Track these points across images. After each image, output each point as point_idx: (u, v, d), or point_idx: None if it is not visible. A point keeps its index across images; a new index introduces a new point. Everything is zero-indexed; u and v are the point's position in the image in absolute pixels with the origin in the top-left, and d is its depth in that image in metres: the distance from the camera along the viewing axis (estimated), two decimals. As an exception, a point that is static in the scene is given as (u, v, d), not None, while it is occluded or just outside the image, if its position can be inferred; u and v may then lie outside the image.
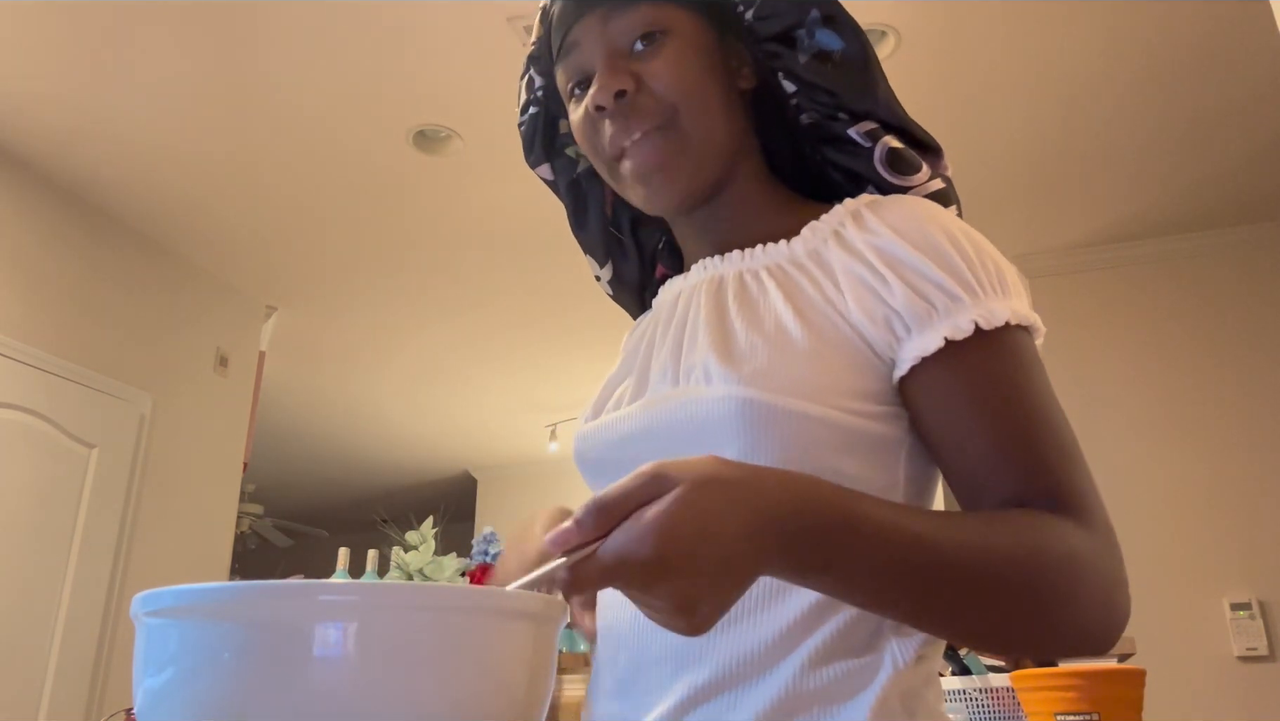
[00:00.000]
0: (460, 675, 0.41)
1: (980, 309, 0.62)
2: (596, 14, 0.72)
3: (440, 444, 6.39)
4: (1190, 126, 3.05)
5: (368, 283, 4.09)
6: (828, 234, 0.70)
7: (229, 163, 3.24)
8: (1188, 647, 3.21)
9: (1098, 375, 3.62)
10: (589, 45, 0.73)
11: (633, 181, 0.73)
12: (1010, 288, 0.65)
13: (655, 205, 0.74)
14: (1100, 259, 3.76)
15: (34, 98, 2.91)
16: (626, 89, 0.70)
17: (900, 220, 0.67)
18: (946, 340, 0.62)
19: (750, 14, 0.73)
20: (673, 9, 0.72)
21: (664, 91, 0.70)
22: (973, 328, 0.62)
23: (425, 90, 2.87)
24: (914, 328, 0.63)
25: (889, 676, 0.61)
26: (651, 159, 0.71)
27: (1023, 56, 2.74)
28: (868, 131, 0.73)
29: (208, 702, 0.39)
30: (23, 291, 3.19)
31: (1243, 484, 3.33)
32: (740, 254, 0.74)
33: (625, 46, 0.72)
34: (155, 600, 0.42)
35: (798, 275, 0.70)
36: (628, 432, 0.71)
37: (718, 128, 0.72)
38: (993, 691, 1.02)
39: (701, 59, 0.72)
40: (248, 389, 4.17)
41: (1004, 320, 0.62)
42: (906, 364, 0.63)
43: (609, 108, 0.71)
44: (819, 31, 0.72)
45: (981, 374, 0.62)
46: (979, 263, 0.65)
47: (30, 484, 3.12)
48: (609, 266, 0.89)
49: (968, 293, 0.63)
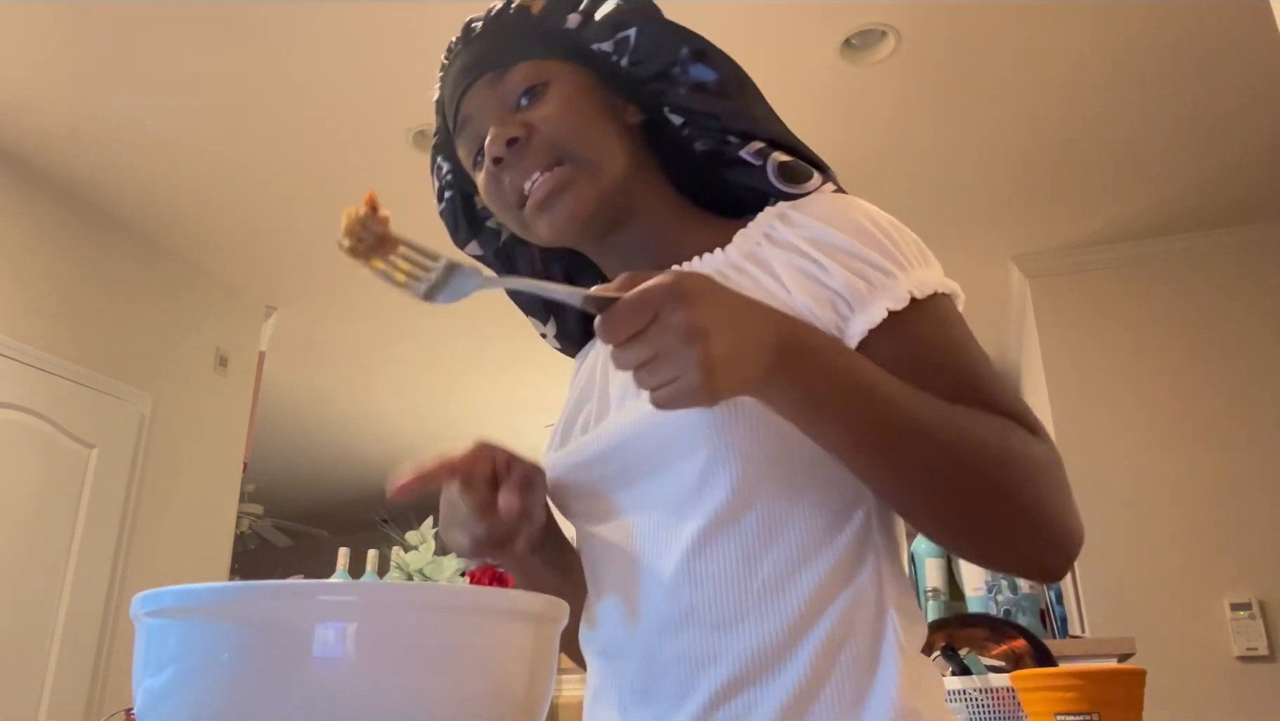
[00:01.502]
0: (460, 675, 0.41)
1: (911, 281, 0.68)
2: (480, 84, 0.78)
3: (440, 444, 6.39)
4: (1190, 126, 3.05)
5: (368, 283, 4.09)
6: (759, 237, 0.75)
7: (229, 163, 3.24)
8: (1188, 647, 3.21)
9: (1097, 375, 3.62)
10: (479, 113, 0.78)
11: (534, 215, 0.77)
12: (930, 260, 0.72)
13: (561, 232, 0.77)
14: (1100, 259, 3.76)
15: (34, 98, 2.91)
16: (518, 136, 0.75)
17: (826, 211, 0.73)
18: (889, 311, 0.67)
19: (625, 60, 0.78)
20: (550, 63, 0.78)
21: (552, 130, 0.75)
22: (909, 298, 0.68)
23: (425, 90, 2.86)
24: (856, 305, 0.68)
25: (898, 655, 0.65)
26: (549, 188, 0.75)
27: (1023, 56, 2.74)
28: (757, 150, 0.77)
29: (208, 702, 0.39)
30: (23, 291, 3.19)
31: (1243, 484, 3.33)
32: (678, 267, 0.78)
33: (511, 103, 0.77)
34: (155, 600, 0.42)
35: (738, 277, 0.73)
36: (597, 453, 0.75)
37: (609, 155, 0.76)
38: (993, 691, 1.02)
39: (585, 98, 0.77)
40: (248, 389, 4.17)
41: (933, 289, 0.69)
42: (855, 338, 0.68)
43: (504, 158, 0.75)
44: (692, 67, 0.77)
45: (923, 337, 0.68)
46: (902, 241, 0.71)
47: (30, 484, 3.12)
48: (551, 323, 0.94)
49: (898, 268, 0.69)
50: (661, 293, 0.53)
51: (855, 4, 2.54)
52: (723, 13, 2.50)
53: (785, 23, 2.58)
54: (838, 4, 2.54)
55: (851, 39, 2.66)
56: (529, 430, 6.03)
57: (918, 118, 3.00)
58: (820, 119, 2.99)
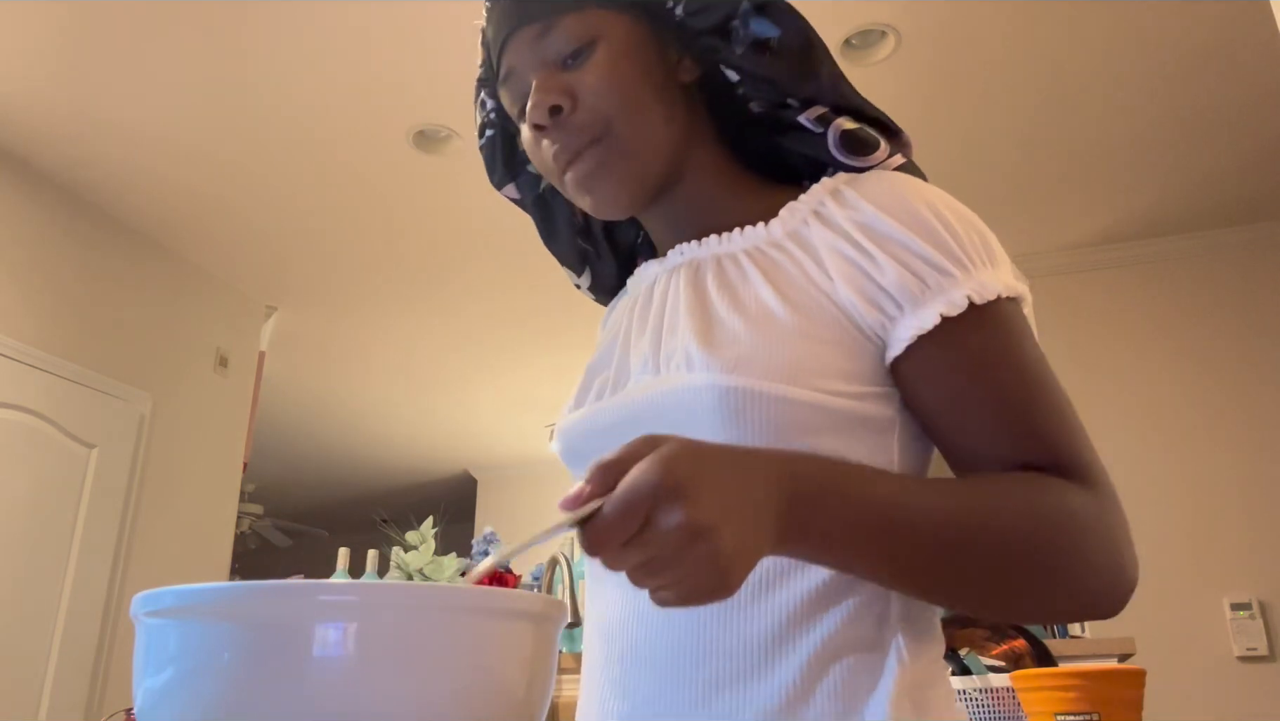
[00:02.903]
0: (460, 675, 0.41)
1: (972, 283, 0.62)
2: (525, 34, 0.72)
3: (440, 444, 6.39)
4: (1190, 126, 3.05)
5: (368, 282, 4.09)
6: (807, 214, 0.70)
7: (229, 162, 3.24)
8: (1188, 647, 3.21)
9: (1097, 374, 3.62)
10: (523, 67, 0.73)
11: (578, 193, 0.73)
12: (997, 258, 0.65)
13: (604, 211, 0.74)
14: (1100, 259, 3.76)
15: (34, 98, 2.91)
16: (561, 104, 0.70)
17: (884, 195, 0.66)
18: (942, 317, 0.61)
19: (680, 10, 0.72)
20: (599, 14, 0.71)
21: (597, 103, 0.70)
22: (966, 303, 0.62)
23: (425, 90, 2.87)
24: (907, 306, 0.63)
25: (897, 673, 0.61)
26: (591, 168, 0.71)
27: (1023, 56, 2.74)
28: (818, 117, 0.71)
29: (208, 702, 0.39)
30: (23, 291, 3.19)
31: (1243, 484, 3.33)
32: (717, 238, 0.74)
33: (556, 61, 0.71)
34: (155, 600, 0.42)
35: (778, 256, 0.69)
36: (610, 423, 0.71)
37: (656, 128, 0.72)
38: (993, 691, 1.02)
39: (633, 60, 0.71)
40: (248, 389, 4.17)
41: (996, 294, 0.63)
42: (902, 343, 0.63)
43: (546, 125, 0.71)
44: (753, 21, 0.70)
45: (977, 349, 0.62)
46: (965, 236, 0.64)
47: (30, 484, 3.12)
48: (586, 274, 0.89)
49: (958, 267, 0.63)
50: (649, 492, 0.45)
51: (855, 4, 2.54)
52: (723, 13, 2.51)
53: (785, 23, 2.59)
54: (838, 4, 2.54)
55: (851, 39, 2.66)
56: (530, 430, 6.04)
57: (917, 118, 3.00)
58: (820, 119, 2.99)
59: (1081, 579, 0.57)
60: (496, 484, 6.96)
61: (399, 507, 7.94)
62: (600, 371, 0.77)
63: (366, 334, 4.60)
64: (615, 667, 0.68)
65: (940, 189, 0.69)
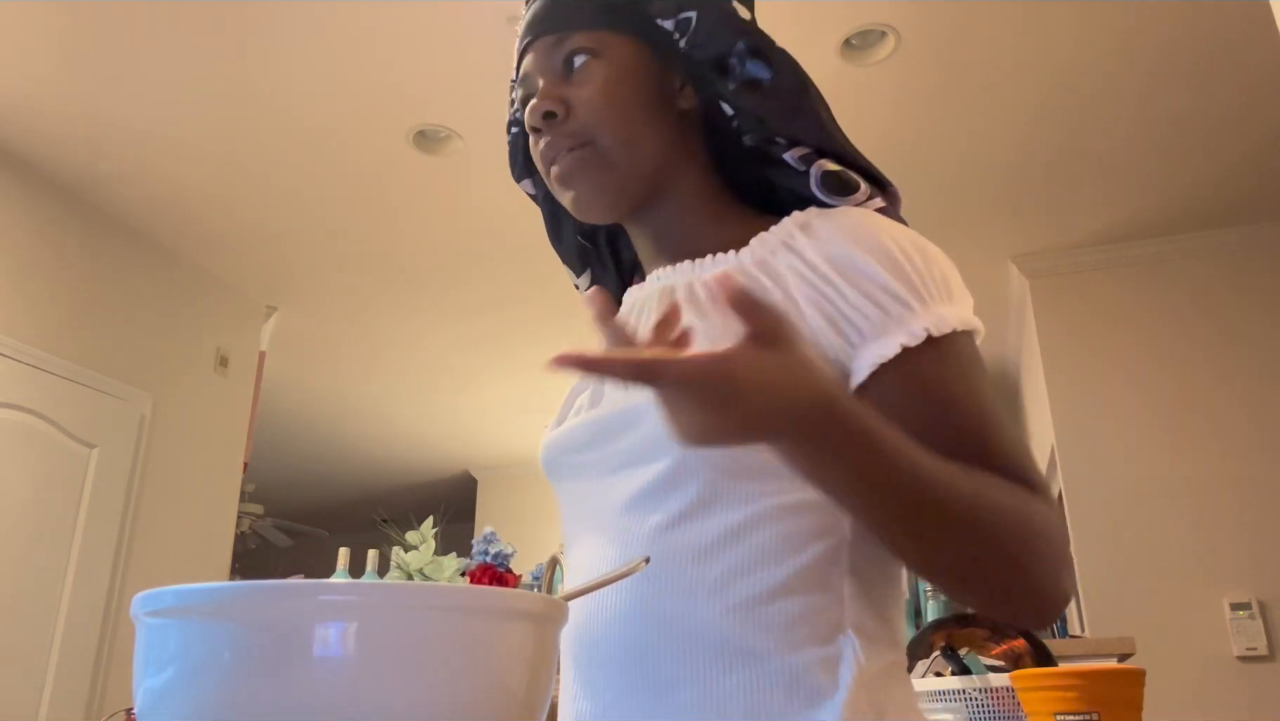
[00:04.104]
0: (460, 675, 0.41)
1: (930, 316, 0.65)
2: (542, 43, 0.78)
3: (440, 444, 6.39)
4: (1190, 126, 3.05)
5: (368, 283, 4.09)
6: (776, 245, 0.73)
7: (229, 162, 3.24)
8: (1188, 647, 3.21)
9: (1097, 375, 3.62)
10: (534, 72, 0.79)
11: (559, 189, 0.78)
12: (955, 294, 0.68)
13: (581, 211, 0.78)
14: (1100, 259, 3.76)
15: (34, 98, 2.91)
16: (555, 111, 0.76)
17: (850, 229, 0.70)
18: (903, 347, 0.65)
19: (684, 42, 0.76)
20: (607, 35, 0.77)
21: (586, 115, 0.75)
22: (925, 334, 0.65)
23: (425, 90, 2.87)
24: (869, 334, 0.66)
25: (854, 674, 0.63)
26: (572, 169, 0.76)
27: (1023, 56, 2.74)
28: (801, 156, 0.75)
29: (208, 702, 0.39)
30: (23, 291, 3.19)
31: (1243, 484, 3.33)
32: (690, 264, 0.78)
33: (562, 71, 0.77)
34: (155, 600, 0.42)
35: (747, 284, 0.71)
36: (587, 436, 0.75)
37: (639, 146, 0.76)
38: (993, 691, 1.02)
39: (629, 81, 0.76)
40: (248, 389, 4.17)
41: (951, 327, 0.66)
42: (864, 371, 0.66)
43: (540, 128, 0.77)
44: (748, 62, 0.75)
45: (933, 378, 0.65)
46: (926, 271, 0.68)
47: (30, 484, 3.12)
48: (586, 275, 0.93)
49: (918, 300, 0.66)
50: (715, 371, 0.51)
51: (855, 4, 2.54)
52: (723, 13, 2.50)
53: (785, 23, 2.58)
54: (838, 4, 2.54)
55: (851, 39, 2.66)
56: (530, 430, 6.04)
57: (918, 118, 3.00)
58: (820, 119, 2.99)
59: (1035, 585, 0.61)
60: (496, 484, 6.96)
61: (399, 507, 7.94)
62: (580, 391, 0.81)
63: (367, 334, 4.60)
64: (584, 669, 0.70)
65: (909, 230, 0.72)
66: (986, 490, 0.60)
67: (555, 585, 2.40)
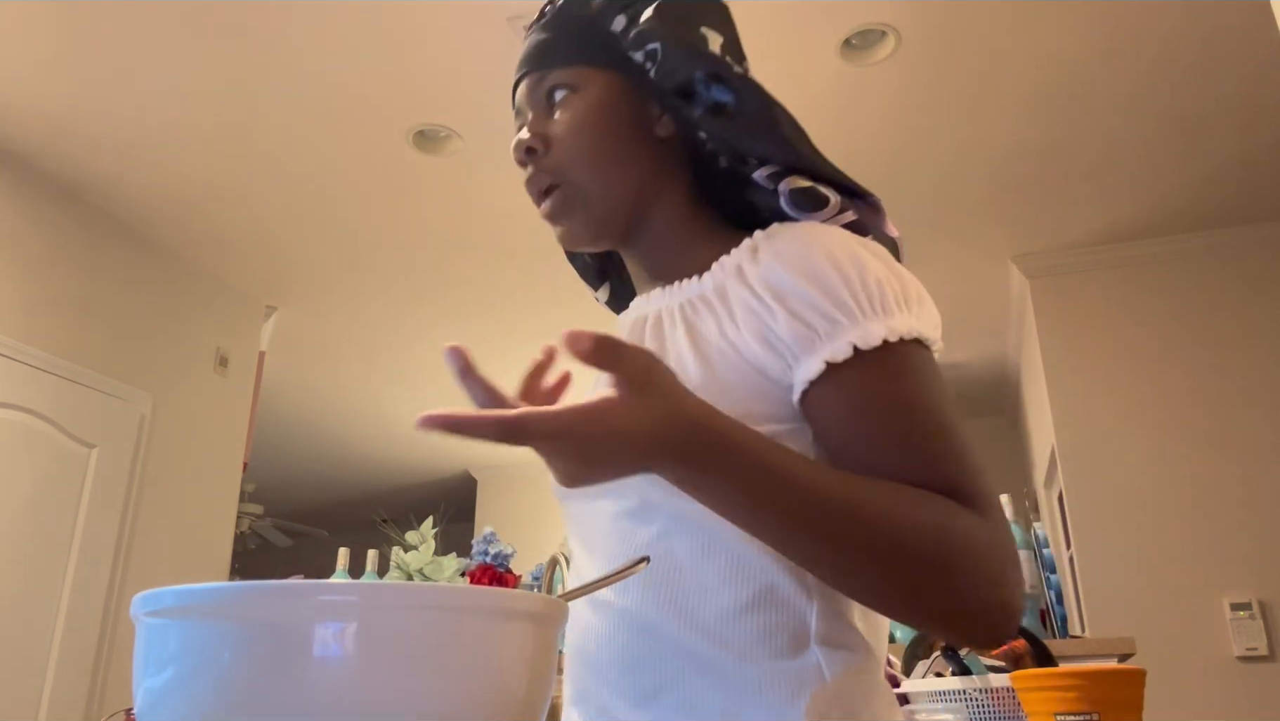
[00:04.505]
0: (460, 675, 0.42)
1: (857, 330, 0.66)
2: (529, 80, 0.83)
3: (440, 444, 6.39)
4: (1190, 126, 3.05)
5: (368, 282, 4.09)
6: (733, 269, 0.75)
7: (229, 162, 3.24)
8: (1188, 647, 3.21)
9: (1097, 374, 3.63)
10: (524, 107, 0.84)
11: (549, 223, 0.83)
12: (892, 306, 0.68)
13: (569, 244, 0.83)
14: (1100, 259, 3.76)
15: (34, 98, 2.91)
16: (535, 148, 0.80)
17: (786, 248, 0.71)
18: (827, 363, 0.66)
19: (653, 72, 0.79)
20: (583, 70, 0.80)
21: (560, 151, 0.79)
22: (851, 350, 0.66)
23: (425, 90, 2.87)
24: (799, 354, 0.68)
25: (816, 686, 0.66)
26: (556, 208, 0.80)
27: (1022, 56, 2.74)
28: (770, 174, 0.77)
29: (208, 702, 0.39)
30: (23, 291, 3.19)
31: (1243, 484, 3.33)
32: (662, 291, 0.82)
33: (545, 106, 0.81)
34: (155, 600, 0.42)
35: (703, 310, 0.76)
36: None
37: (614, 179, 0.79)
38: (993, 691, 1.02)
39: (603, 115, 0.79)
40: (248, 389, 4.17)
41: (880, 339, 0.66)
42: (798, 388, 0.68)
43: (525, 163, 0.82)
44: (712, 87, 0.77)
45: (864, 392, 0.66)
46: (860, 284, 0.68)
47: (30, 484, 3.12)
48: (605, 288, 0.97)
49: (845, 315, 0.67)
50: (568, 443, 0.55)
51: (855, 4, 2.54)
52: (723, 13, 2.50)
53: (785, 23, 2.58)
54: (838, 4, 2.54)
55: (851, 39, 2.66)
56: (529, 430, 6.03)
57: (918, 117, 3.00)
58: (820, 119, 2.99)
59: (961, 594, 0.60)
60: (496, 484, 6.96)
61: (399, 507, 7.94)
62: None
63: (367, 333, 4.60)
64: (579, 677, 0.75)
65: (857, 239, 0.72)
66: (897, 504, 0.60)
67: (555, 585, 2.40)
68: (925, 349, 0.69)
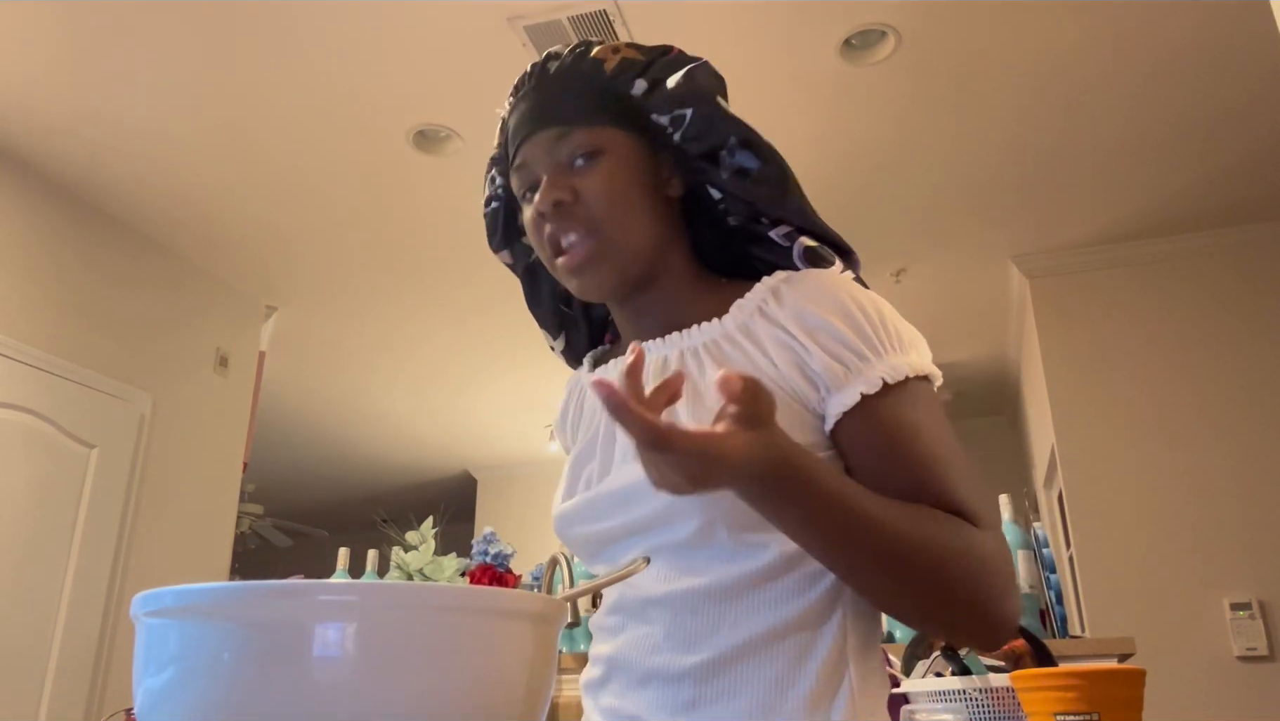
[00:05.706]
0: (460, 675, 0.42)
1: (884, 366, 0.75)
2: (542, 135, 0.84)
3: (440, 444, 6.39)
4: (1190, 126, 3.05)
5: (367, 282, 4.09)
6: (753, 310, 0.82)
7: (229, 162, 3.24)
8: (1188, 647, 3.21)
9: (1097, 374, 3.63)
10: (535, 161, 0.85)
11: (566, 277, 0.85)
12: (907, 345, 0.78)
13: (587, 295, 0.86)
14: (1100, 259, 3.76)
15: (34, 97, 2.91)
16: (565, 200, 0.82)
17: (813, 290, 0.79)
18: (862, 395, 0.74)
19: (677, 136, 0.84)
20: (609, 131, 0.84)
21: (594, 204, 0.82)
22: (881, 382, 0.74)
23: (425, 90, 2.87)
24: (834, 386, 0.75)
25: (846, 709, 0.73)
26: (580, 259, 0.83)
27: (1023, 57, 2.74)
28: (785, 233, 0.85)
29: (208, 702, 0.39)
30: (23, 291, 3.19)
31: (1243, 484, 3.33)
32: (679, 335, 0.86)
33: (566, 163, 0.84)
34: (155, 600, 0.42)
35: (731, 349, 0.81)
36: (602, 509, 0.83)
37: (639, 233, 0.84)
38: (993, 691, 1.02)
39: (630, 174, 0.84)
40: (248, 389, 4.17)
41: (905, 374, 0.75)
42: (833, 418, 0.76)
43: (549, 214, 0.83)
44: (739, 153, 0.83)
45: (891, 420, 0.74)
46: (881, 325, 0.77)
47: (30, 484, 3.12)
48: (561, 338, 1.01)
49: (874, 352, 0.75)
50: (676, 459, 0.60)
51: (855, 4, 2.54)
52: (723, 13, 2.50)
53: (785, 23, 2.58)
54: (838, 4, 2.54)
55: (851, 39, 2.66)
56: (530, 430, 6.04)
57: (917, 118, 3.00)
58: (820, 119, 2.98)
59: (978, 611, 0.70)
60: (496, 484, 6.96)
61: (399, 507, 7.94)
62: (585, 463, 0.89)
63: (366, 334, 4.60)
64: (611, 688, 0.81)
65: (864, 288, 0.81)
66: (927, 525, 0.69)
67: (555, 585, 2.39)
68: (930, 383, 0.79)
